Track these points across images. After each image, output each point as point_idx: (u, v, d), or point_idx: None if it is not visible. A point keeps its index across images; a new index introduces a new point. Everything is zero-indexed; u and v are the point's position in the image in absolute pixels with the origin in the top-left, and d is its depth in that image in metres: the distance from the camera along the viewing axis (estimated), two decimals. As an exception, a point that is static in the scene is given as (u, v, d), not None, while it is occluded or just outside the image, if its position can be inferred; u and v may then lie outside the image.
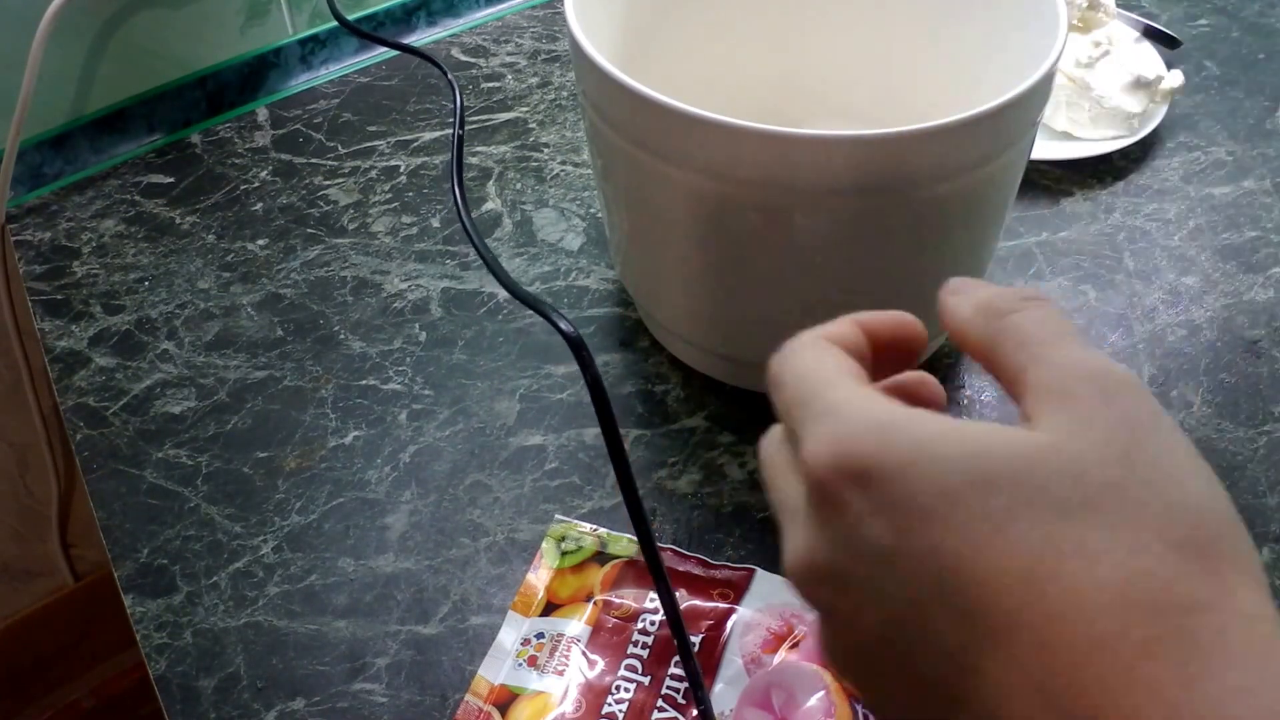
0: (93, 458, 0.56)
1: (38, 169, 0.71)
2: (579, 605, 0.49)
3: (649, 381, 0.59)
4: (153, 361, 0.61)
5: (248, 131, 0.76)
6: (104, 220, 0.69)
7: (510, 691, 0.46)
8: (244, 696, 0.47)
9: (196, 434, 0.57)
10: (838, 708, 0.45)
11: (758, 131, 0.45)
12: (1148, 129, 0.71)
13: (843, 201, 0.47)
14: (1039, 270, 0.65)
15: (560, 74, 0.80)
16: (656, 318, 0.60)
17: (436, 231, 0.68)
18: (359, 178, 0.72)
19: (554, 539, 0.52)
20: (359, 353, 0.61)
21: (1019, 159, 0.51)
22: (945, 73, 0.60)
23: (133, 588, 0.51)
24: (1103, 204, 0.69)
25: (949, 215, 0.50)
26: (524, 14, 0.86)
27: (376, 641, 0.49)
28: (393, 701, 0.47)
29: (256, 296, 0.64)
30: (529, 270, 0.65)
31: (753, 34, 0.64)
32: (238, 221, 0.69)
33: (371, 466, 0.56)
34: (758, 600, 0.49)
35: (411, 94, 0.78)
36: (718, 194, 0.48)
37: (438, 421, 0.58)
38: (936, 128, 0.45)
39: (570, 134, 0.75)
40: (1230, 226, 0.67)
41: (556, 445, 0.56)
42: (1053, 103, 0.71)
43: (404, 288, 0.65)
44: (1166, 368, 0.60)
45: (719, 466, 0.55)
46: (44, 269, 0.67)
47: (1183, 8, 0.85)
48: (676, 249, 0.52)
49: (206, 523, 0.53)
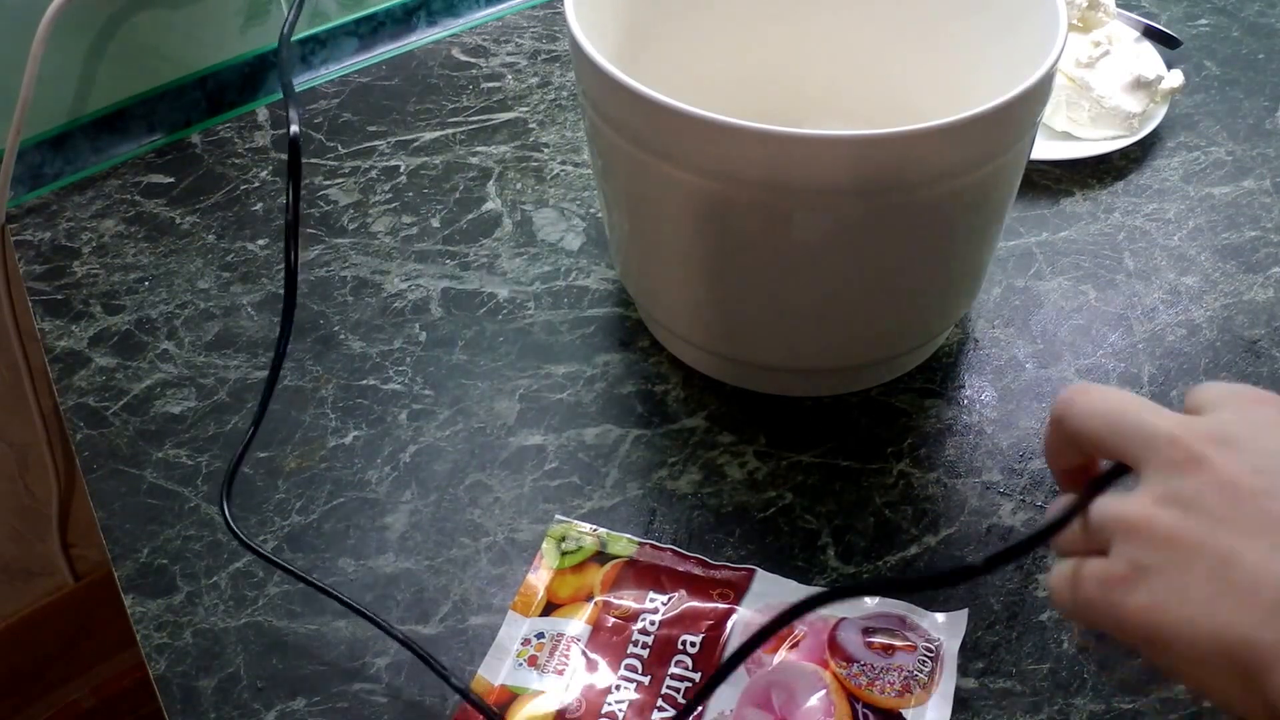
0: (93, 458, 0.56)
1: (38, 169, 0.71)
2: (579, 605, 0.49)
3: (649, 381, 0.59)
4: (153, 361, 0.61)
5: (248, 131, 0.76)
6: (104, 220, 0.69)
7: (510, 691, 0.46)
8: (244, 696, 0.47)
9: (196, 434, 0.57)
10: (837, 707, 0.45)
11: (758, 131, 0.45)
12: (1148, 129, 0.71)
13: (843, 201, 0.47)
14: (1039, 270, 0.65)
15: (560, 74, 0.80)
16: (656, 318, 0.60)
17: (436, 231, 0.68)
18: (359, 178, 0.72)
19: (554, 539, 0.52)
20: (359, 353, 0.61)
21: (1019, 159, 0.51)
22: (945, 73, 0.60)
23: (133, 588, 0.51)
24: (1103, 204, 0.69)
25: (949, 215, 0.50)
26: (524, 14, 0.86)
27: (376, 641, 0.49)
28: (393, 701, 0.47)
29: (256, 296, 0.64)
30: (529, 270, 0.65)
31: (753, 34, 0.64)
32: (238, 221, 0.69)
33: (371, 466, 0.56)
34: (758, 600, 0.49)
35: (411, 94, 0.78)
36: (718, 194, 0.48)
37: (438, 421, 0.58)
38: (936, 128, 0.45)
39: (570, 134, 0.75)
40: (1230, 226, 0.67)
41: (556, 445, 0.56)
42: (1053, 103, 0.71)
43: (404, 288, 0.65)
44: (1166, 368, 0.60)
45: (719, 466, 0.55)
46: (44, 269, 0.67)
47: (1183, 8, 0.85)
48: (676, 249, 0.52)
49: (206, 523, 0.53)
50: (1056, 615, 0.49)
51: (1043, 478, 0.54)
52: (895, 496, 0.54)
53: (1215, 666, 0.29)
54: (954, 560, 0.51)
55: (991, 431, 0.57)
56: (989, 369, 0.60)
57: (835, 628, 0.47)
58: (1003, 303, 0.63)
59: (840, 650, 0.47)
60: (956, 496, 0.54)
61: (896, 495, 0.54)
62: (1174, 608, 0.30)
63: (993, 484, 0.54)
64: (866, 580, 0.50)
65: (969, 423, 0.57)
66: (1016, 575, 0.51)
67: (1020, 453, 0.56)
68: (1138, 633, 0.31)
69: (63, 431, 0.83)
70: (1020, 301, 0.63)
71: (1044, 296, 0.63)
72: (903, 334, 0.56)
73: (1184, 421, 0.32)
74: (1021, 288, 0.64)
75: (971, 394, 0.59)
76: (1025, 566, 0.51)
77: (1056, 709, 0.46)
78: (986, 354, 0.61)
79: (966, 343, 0.61)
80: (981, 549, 0.52)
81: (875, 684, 0.46)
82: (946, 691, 0.46)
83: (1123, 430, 0.33)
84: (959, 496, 0.54)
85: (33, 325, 0.64)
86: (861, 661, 0.46)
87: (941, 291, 0.55)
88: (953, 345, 0.61)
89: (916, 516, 0.53)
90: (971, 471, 0.55)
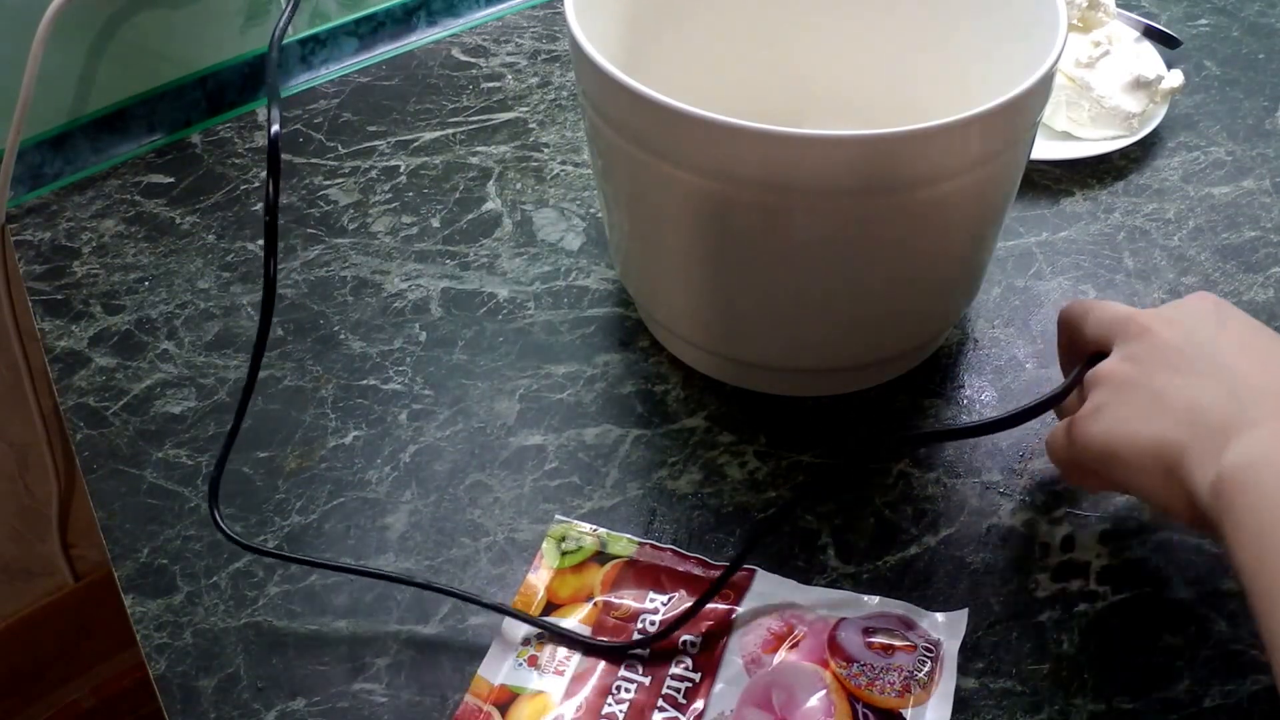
0: (93, 458, 0.57)
1: (38, 169, 0.71)
2: (579, 605, 0.49)
3: (649, 381, 0.59)
4: (153, 361, 0.61)
5: (248, 131, 0.76)
6: (104, 220, 0.69)
7: (510, 691, 0.47)
8: (244, 696, 0.47)
9: (196, 434, 0.57)
10: (837, 707, 0.45)
11: (758, 131, 0.45)
12: (1148, 129, 0.71)
13: (843, 201, 0.47)
14: (1039, 270, 0.65)
15: (560, 74, 0.80)
16: (656, 318, 0.60)
17: (436, 231, 0.68)
18: (359, 178, 0.72)
19: (554, 539, 0.52)
20: (359, 353, 0.61)
21: (1019, 159, 0.51)
22: (945, 73, 0.60)
23: (133, 588, 0.51)
24: (1103, 204, 0.69)
25: (949, 215, 0.50)
26: (524, 14, 0.86)
27: (376, 641, 0.49)
28: (393, 701, 0.47)
29: (256, 296, 0.64)
30: (529, 270, 0.65)
31: (753, 34, 0.64)
32: (238, 221, 0.69)
33: (372, 466, 0.56)
34: (758, 600, 0.49)
35: (411, 94, 0.78)
36: (718, 194, 0.48)
37: (438, 421, 0.58)
38: (936, 128, 0.45)
39: (570, 134, 0.75)
40: (1230, 226, 0.67)
41: (556, 445, 0.56)
42: (1053, 103, 0.71)
43: (404, 288, 0.65)
44: (1166, 368, 0.60)
45: (719, 466, 0.55)
46: (44, 269, 0.67)
47: (1183, 8, 0.85)
48: (676, 249, 0.52)
49: (206, 523, 0.53)
50: (1057, 615, 0.49)
51: (1043, 478, 0.55)
52: (895, 497, 0.54)
53: (1149, 469, 0.41)
54: (954, 560, 0.51)
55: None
56: (989, 369, 0.60)
57: (835, 628, 0.47)
58: (1003, 303, 0.63)
59: (840, 650, 0.47)
60: (956, 496, 0.54)
61: (896, 495, 0.54)
62: (1120, 427, 0.42)
63: (993, 484, 0.54)
64: (934, 431, 0.53)
65: (969, 423, 0.57)
66: (1017, 576, 0.51)
67: (1020, 453, 0.56)
68: (1099, 452, 0.43)
69: (63, 431, 0.83)
70: (1020, 301, 0.63)
71: (1044, 296, 0.63)
72: (903, 334, 0.56)
73: (1144, 310, 0.45)
74: (1021, 288, 0.64)
75: (971, 394, 0.59)
76: (1025, 568, 0.51)
77: (1056, 709, 0.46)
78: (986, 354, 0.61)
79: (966, 343, 0.61)
80: (981, 549, 0.52)
81: (875, 684, 0.46)
82: (946, 691, 0.46)
83: (1102, 320, 0.46)
84: (959, 496, 0.54)
85: (33, 325, 0.64)
86: (861, 661, 0.46)
87: (941, 291, 0.55)
88: (952, 345, 0.61)
89: (916, 516, 0.53)
90: (971, 471, 0.55)
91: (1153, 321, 0.44)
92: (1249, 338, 0.43)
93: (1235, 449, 0.38)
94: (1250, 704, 0.46)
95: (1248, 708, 0.46)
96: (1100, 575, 0.51)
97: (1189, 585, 0.50)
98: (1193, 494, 0.39)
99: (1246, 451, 0.37)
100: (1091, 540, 0.52)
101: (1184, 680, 0.47)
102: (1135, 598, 0.50)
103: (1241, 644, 0.48)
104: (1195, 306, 0.45)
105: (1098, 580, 0.50)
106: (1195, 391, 0.41)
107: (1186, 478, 0.39)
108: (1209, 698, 0.46)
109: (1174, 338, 0.43)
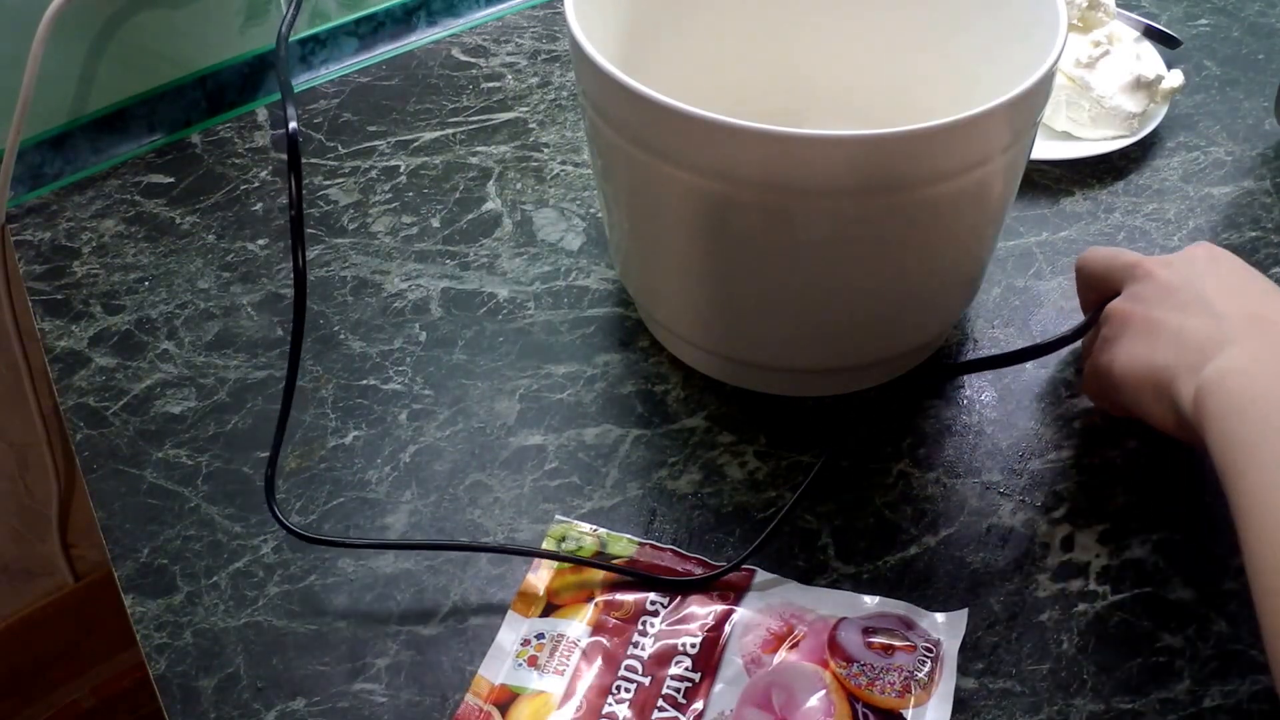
0: (93, 458, 0.57)
1: (38, 169, 0.71)
2: (579, 605, 0.49)
3: (649, 381, 0.59)
4: (153, 361, 0.61)
5: (248, 131, 0.76)
6: (104, 220, 0.69)
7: (510, 691, 0.47)
8: (244, 696, 0.47)
9: (196, 434, 0.57)
10: (837, 708, 0.45)
11: (758, 131, 0.45)
12: (1148, 129, 0.71)
13: (843, 201, 0.47)
14: (1039, 270, 0.65)
15: (560, 74, 0.80)
16: (656, 318, 0.60)
17: (436, 231, 0.68)
18: (359, 178, 0.72)
19: (554, 539, 0.52)
20: (359, 353, 0.61)
21: (1019, 159, 0.51)
22: (945, 73, 0.60)
23: (133, 588, 0.51)
24: (1103, 204, 0.69)
25: (949, 215, 0.50)
26: (524, 14, 0.86)
27: (376, 641, 0.49)
28: (393, 701, 0.47)
29: (256, 296, 0.64)
30: (529, 270, 0.66)
31: (753, 34, 0.64)
32: (238, 221, 0.69)
33: (371, 466, 0.56)
34: (758, 600, 0.49)
35: (411, 94, 0.78)
36: (718, 194, 0.48)
37: (438, 421, 0.58)
38: (936, 128, 0.45)
39: (570, 134, 0.75)
40: (1230, 226, 0.67)
41: (556, 445, 0.56)
42: (1053, 103, 0.71)
43: (404, 288, 0.65)
44: (1166, 368, 0.60)
45: (719, 466, 0.55)
46: (44, 269, 0.67)
47: (1183, 8, 0.85)
48: (676, 249, 0.52)
49: (206, 523, 0.53)
50: (1057, 615, 0.49)
51: (1043, 478, 0.55)
52: (895, 497, 0.54)
53: (1147, 390, 0.47)
54: (954, 560, 0.51)
55: (991, 431, 0.57)
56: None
57: (835, 628, 0.47)
58: (1003, 303, 0.63)
59: (840, 650, 0.47)
60: (956, 496, 0.54)
61: (896, 495, 0.54)
62: (1123, 356, 0.49)
63: (992, 484, 0.55)
64: (969, 361, 0.58)
65: (968, 423, 0.57)
66: (1017, 576, 0.51)
67: (1020, 452, 0.56)
68: (1111, 379, 0.49)
69: (63, 431, 0.83)
70: (1020, 301, 0.63)
71: (1044, 296, 0.63)
72: (903, 334, 0.56)
73: (1150, 257, 0.51)
74: (1021, 288, 0.64)
75: (971, 394, 0.59)
76: (1025, 568, 0.51)
77: (1056, 709, 0.46)
78: (986, 354, 0.61)
79: (966, 343, 0.61)
80: (981, 549, 0.52)
81: (875, 684, 0.46)
82: (946, 691, 0.46)
83: (1114, 266, 0.53)
84: (959, 496, 0.54)
85: (33, 325, 0.64)
86: (861, 661, 0.46)
87: (941, 291, 0.55)
88: (952, 345, 0.61)
89: (916, 516, 0.53)
90: (971, 472, 0.55)
91: (1155, 266, 0.50)
92: (1232, 277, 0.49)
93: (1212, 365, 0.43)
94: (1250, 704, 0.46)
95: (1248, 708, 0.46)
96: (1100, 575, 0.51)
97: (1189, 585, 0.50)
98: (1179, 407, 0.44)
99: (1220, 365, 0.43)
100: (1091, 540, 0.52)
101: (1184, 680, 0.47)
102: (1135, 598, 0.50)
103: (1241, 644, 0.48)
104: (1192, 253, 0.51)
105: (1098, 580, 0.51)
106: (1183, 321, 0.46)
107: (1175, 394, 0.44)
108: (1209, 698, 0.46)
109: (1171, 278, 0.49)
